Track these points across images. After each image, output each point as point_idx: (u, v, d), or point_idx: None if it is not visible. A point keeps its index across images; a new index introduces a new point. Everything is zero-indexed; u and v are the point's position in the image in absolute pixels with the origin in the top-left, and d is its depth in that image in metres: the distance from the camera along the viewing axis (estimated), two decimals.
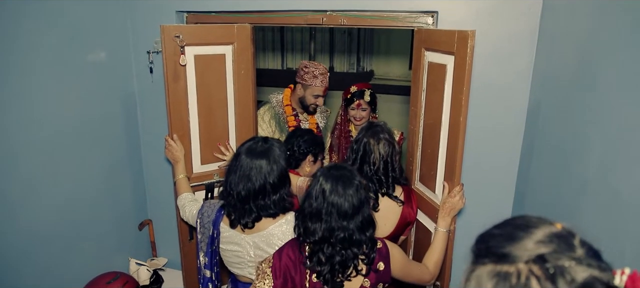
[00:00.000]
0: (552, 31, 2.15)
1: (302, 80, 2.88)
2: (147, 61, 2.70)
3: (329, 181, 1.60)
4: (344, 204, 1.57)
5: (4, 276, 2.11)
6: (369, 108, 2.95)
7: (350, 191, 1.58)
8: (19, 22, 2.11)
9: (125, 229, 2.96)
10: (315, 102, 2.91)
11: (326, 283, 1.63)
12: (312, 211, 1.61)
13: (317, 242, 1.61)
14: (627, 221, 1.47)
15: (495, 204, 2.51)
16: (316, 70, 2.86)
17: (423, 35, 2.22)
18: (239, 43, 2.43)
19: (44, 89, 2.25)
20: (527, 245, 0.69)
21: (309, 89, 2.87)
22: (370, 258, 1.63)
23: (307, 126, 2.97)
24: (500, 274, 0.69)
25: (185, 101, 2.38)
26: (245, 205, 1.84)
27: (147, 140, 2.99)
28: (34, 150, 2.22)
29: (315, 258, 1.63)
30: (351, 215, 1.58)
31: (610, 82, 1.62)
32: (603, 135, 1.65)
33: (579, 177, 1.81)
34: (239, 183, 1.82)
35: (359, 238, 1.59)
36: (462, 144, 1.95)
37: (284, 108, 2.95)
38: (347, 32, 6.18)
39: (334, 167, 1.67)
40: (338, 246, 1.59)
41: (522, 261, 0.68)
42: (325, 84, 2.88)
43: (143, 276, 2.83)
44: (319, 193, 1.60)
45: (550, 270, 0.66)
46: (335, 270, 1.61)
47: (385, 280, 1.68)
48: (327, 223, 1.58)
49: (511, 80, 2.34)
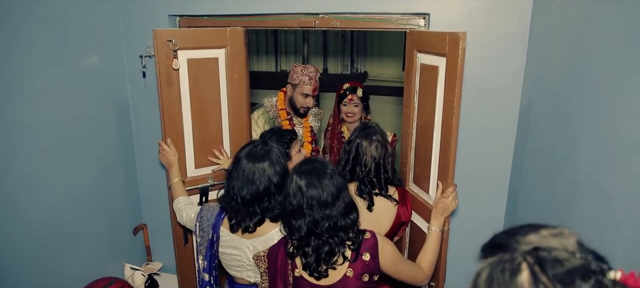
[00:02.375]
0: (543, 32, 2.17)
1: (291, 80, 2.89)
2: (140, 65, 2.70)
3: (302, 177, 1.65)
4: (322, 195, 1.62)
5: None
6: (361, 104, 2.96)
7: (326, 181, 1.64)
8: (12, 25, 2.10)
9: (119, 234, 2.95)
10: (305, 103, 2.88)
11: (311, 274, 1.67)
12: (294, 209, 1.65)
13: (303, 237, 1.66)
14: (618, 221, 1.49)
15: (489, 205, 2.53)
16: (305, 69, 2.86)
17: (415, 37, 2.23)
18: (232, 46, 2.43)
19: (36, 92, 2.24)
20: (531, 239, 0.73)
21: (297, 87, 2.86)
22: (358, 243, 1.67)
23: (302, 130, 2.97)
24: (495, 261, 0.72)
25: (178, 105, 2.37)
26: (250, 208, 1.86)
27: (141, 144, 2.99)
28: (27, 154, 2.21)
29: (302, 251, 1.67)
30: (332, 203, 1.63)
31: (601, 82, 1.63)
32: (593, 136, 1.66)
33: (570, 177, 1.83)
34: (242, 187, 1.84)
35: (344, 223, 1.65)
36: (454, 145, 1.96)
37: (279, 112, 2.94)
38: (341, 34, 6.19)
39: (304, 162, 1.74)
40: (325, 236, 1.63)
41: (519, 252, 0.71)
42: (314, 83, 2.86)
43: (138, 281, 2.82)
44: (296, 191, 1.65)
45: (541, 255, 0.68)
46: (320, 259, 1.65)
47: (371, 271, 1.69)
48: (311, 217, 1.63)
49: (503, 81, 2.36)
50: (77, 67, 2.50)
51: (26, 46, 2.17)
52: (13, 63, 2.12)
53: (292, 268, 1.72)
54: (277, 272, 1.75)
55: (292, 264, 1.72)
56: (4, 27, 2.07)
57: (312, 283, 1.70)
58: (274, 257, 1.77)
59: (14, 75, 2.13)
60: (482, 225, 2.49)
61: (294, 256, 1.71)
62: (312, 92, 2.87)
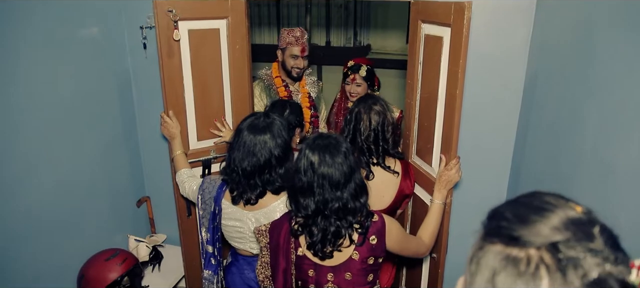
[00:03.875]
0: (550, 2, 2.12)
1: (280, 45, 2.88)
2: (140, 37, 2.66)
3: (315, 152, 1.56)
4: (335, 174, 1.54)
5: (3, 256, 2.12)
6: (364, 84, 2.91)
7: (339, 159, 1.55)
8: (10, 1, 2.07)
9: (123, 206, 2.97)
10: (296, 64, 2.86)
11: (316, 254, 1.63)
12: (303, 186, 1.58)
13: (310, 216, 1.60)
14: (622, 192, 1.48)
15: (492, 177, 2.52)
16: (291, 31, 2.84)
17: (419, 7, 2.19)
18: (234, 17, 2.39)
19: (35, 67, 2.22)
20: (541, 230, 0.64)
21: (286, 50, 2.85)
22: (366, 227, 1.62)
23: (299, 97, 2.94)
24: (508, 257, 0.65)
25: (180, 77, 2.35)
26: (251, 180, 1.86)
27: (143, 116, 2.98)
28: (29, 131, 2.20)
29: (307, 230, 1.62)
30: (344, 184, 1.56)
31: (607, 55, 1.61)
32: (599, 108, 1.64)
33: (575, 150, 1.81)
34: (243, 159, 1.83)
35: (353, 206, 1.58)
36: (458, 117, 1.95)
37: (274, 80, 2.93)
38: (344, 6, 6.10)
39: (318, 137, 1.63)
40: (333, 217, 1.57)
41: (534, 247, 0.64)
42: (302, 43, 2.83)
43: (142, 252, 2.85)
44: (307, 167, 1.57)
45: (562, 261, 0.61)
46: (326, 240, 1.60)
47: (377, 254, 1.67)
48: (320, 196, 1.56)
49: (508, 53, 2.32)
50: (77, 39, 2.47)
51: (23, 18, 2.14)
52: (10, 38, 2.08)
53: (295, 247, 1.69)
54: (279, 248, 1.71)
55: (295, 243, 1.69)
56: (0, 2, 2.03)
57: (315, 263, 1.67)
58: (277, 233, 1.73)
59: (11, 50, 2.10)
60: (485, 198, 2.49)
61: (299, 235, 1.67)
62: (301, 52, 2.84)
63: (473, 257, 0.71)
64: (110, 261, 2.47)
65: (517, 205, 0.71)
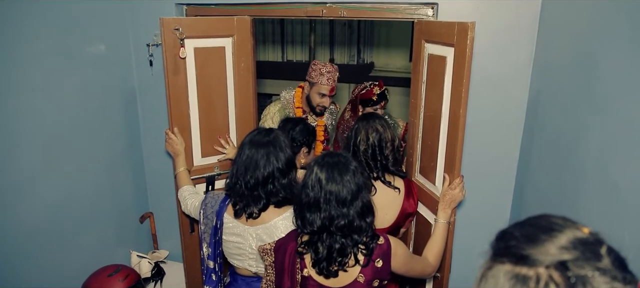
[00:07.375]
0: (552, 21, 2.14)
1: (309, 78, 2.84)
2: (146, 54, 2.70)
3: (324, 170, 1.58)
4: (342, 191, 1.55)
5: (5, 270, 2.12)
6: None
7: (347, 177, 1.57)
8: (19, 15, 2.10)
9: (126, 222, 2.97)
10: (322, 103, 2.83)
11: (321, 272, 1.62)
12: (310, 201, 1.59)
13: (315, 232, 1.60)
14: (627, 210, 1.47)
15: (495, 196, 2.51)
16: (323, 68, 2.80)
17: (423, 27, 2.21)
18: (239, 35, 2.42)
19: (43, 81, 2.25)
20: (549, 249, 0.65)
21: (314, 86, 2.82)
22: (370, 248, 1.61)
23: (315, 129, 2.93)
24: (518, 276, 0.66)
25: (185, 94, 2.37)
26: (254, 192, 1.86)
27: (148, 133, 2.99)
28: (34, 144, 2.22)
29: (313, 247, 1.62)
30: (351, 201, 1.56)
31: (610, 72, 1.61)
32: (602, 125, 1.64)
33: (579, 168, 1.81)
34: (246, 172, 1.84)
35: (359, 225, 1.58)
36: (462, 136, 1.95)
37: (295, 110, 2.90)
38: (348, 24, 6.15)
39: (328, 154, 1.65)
40: (338, 234, 1.57)
41: (543, 266, 0.64)
42: (332, 83, 2.80)
43: (144, 268, 2.84)
44: (315, 183, 1.58)
45: (571, 279, 0.62)
46: (332, 259, 1.59)
47: (382, 276, 1.65)
48: (326, 212, 1.56)
49: (511, 72, 2.33)
50: (84, 56, 2.50)
51: (31, 34, 2.17)
52: (18, 51, 2.12)
53: (300, 267, 1.67)
54: (285, 268, 1.70)
55: (301, 263, 1.67)
56: (9, 15, 2.07)
57: (320, 284, 1.65)
58: (282, 252, 1.71)
59: (21, 65, 2.13)
60: (489, 216, 2.49)
61: (304, 253, 1.66)
62: (330, 92, 2.82)
63: (482, 277, 0.71)
64: (112, 277, 2.46)
65: (526, 225, 0.72)
